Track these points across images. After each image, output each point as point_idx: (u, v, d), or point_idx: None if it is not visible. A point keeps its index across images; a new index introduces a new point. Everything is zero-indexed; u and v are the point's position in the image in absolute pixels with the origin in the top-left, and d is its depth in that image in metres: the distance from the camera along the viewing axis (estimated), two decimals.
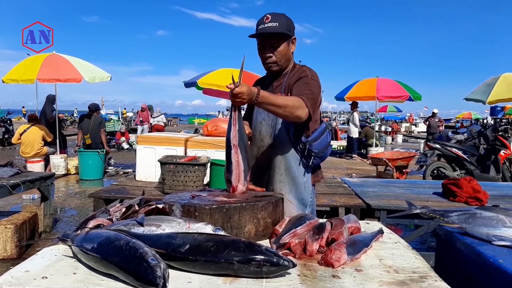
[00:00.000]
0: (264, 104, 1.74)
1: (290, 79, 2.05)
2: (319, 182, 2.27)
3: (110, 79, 9.01)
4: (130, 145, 14.18)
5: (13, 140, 9.06)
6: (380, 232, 1.62)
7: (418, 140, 19.72)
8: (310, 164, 2.08)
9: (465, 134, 11.17)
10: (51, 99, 9.36)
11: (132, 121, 17.50)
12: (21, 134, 8.25)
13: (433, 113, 17.03)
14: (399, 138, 21.46)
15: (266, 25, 1.94)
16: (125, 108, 31.65)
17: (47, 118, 9.10)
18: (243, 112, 2.20)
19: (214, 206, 1.47)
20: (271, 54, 2.01)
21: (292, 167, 2.06)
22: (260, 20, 1.98)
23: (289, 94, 1.99)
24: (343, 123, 28.33)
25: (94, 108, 9.18)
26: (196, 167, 4.12)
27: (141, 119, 16.98)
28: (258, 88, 1.71)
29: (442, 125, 16.79)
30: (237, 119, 1.75)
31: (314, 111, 1.93)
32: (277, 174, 2.05)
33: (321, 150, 2.10)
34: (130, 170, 8.89)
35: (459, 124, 25.36)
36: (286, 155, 2.05)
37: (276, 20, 1.94)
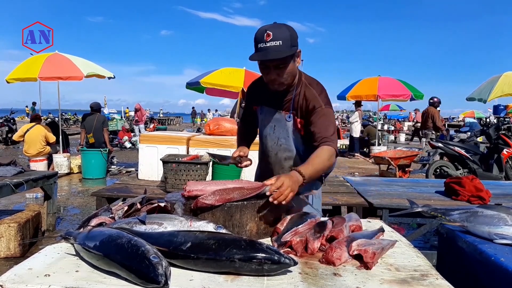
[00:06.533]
0: (311, 179, 1.68)
1: (299, 99, 1.90)
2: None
3: (114, 77, 9.03)
4: (133, 144, 14.22)
5: (15, 137, 9.09)
6: (381, 230, 1.62)
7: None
8: (320, 180, 2.10)
9: (468, 133, 11.16)
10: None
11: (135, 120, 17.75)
12: (24, 133, 8.29)
13: None
14: (402, 137, 21.40)
15: (268, 45, 1.69)
16: (127, 107, 31.70)
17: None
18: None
19: (215, 205, 1.48)
20: (276, 77, 1.80)
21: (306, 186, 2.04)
22: (259, 36, 1.72)
23: (298, 116, 1.92)
24: (344, 122, 28.29)
25: (97, 107, 9.19)
26: (198, 166, 4.13)
27: (136, 118, 17.07)
28: (299, 172, 1.61)
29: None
30: None
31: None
32: None
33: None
34: (133, 169, 8.91)
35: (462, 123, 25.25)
36: None
37: (279, 37, 1.69)
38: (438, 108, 10.46)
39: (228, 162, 2.06)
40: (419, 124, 23.27)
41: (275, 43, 1.69)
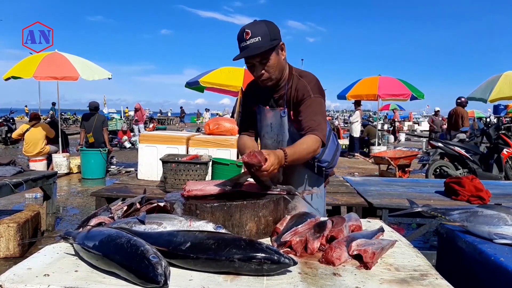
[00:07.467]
0: (292, 162, 1.68)
1: (291, 92, 1.91)
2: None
3: (112, 77, 9.01)
4: (132, 144, 14.22)
5: (14, 134, 9.07)
6: (381, 230, 1.62)
7: (421, 138, 19.71)
8: (323, 176, 2.08)
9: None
10: None
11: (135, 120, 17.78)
12: (24, 132, 8.28)
13: (436, 111, 16.96)
14: (402, 137, 21.41)
15: (248, 43, 1.74)
16: (127, 107, 31.71)
17: None
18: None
19: (215, 205, 1.48)
20: (263, 72, 1.84)
21: (306, 182, 2.04)
22: (239, 36, 1.78)
23: (291, 108, 1.91)
24: (346, 122, 28.32)
25: (96, 107, 9.16)
26: (198, 165, 4.13)
27: (136, 118, 17.07)
28: (283, 150, 1.62)
29: (445, 124, 16.72)
30: None
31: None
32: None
33: (331, 161, 2.05)
34: (132, 169, 8.91)
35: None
36: (299, 172, 2.02)
37: (257, 33, 1.74)
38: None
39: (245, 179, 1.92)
40: (397, 123, 23.19)
41: (255, 39, 1.74)
